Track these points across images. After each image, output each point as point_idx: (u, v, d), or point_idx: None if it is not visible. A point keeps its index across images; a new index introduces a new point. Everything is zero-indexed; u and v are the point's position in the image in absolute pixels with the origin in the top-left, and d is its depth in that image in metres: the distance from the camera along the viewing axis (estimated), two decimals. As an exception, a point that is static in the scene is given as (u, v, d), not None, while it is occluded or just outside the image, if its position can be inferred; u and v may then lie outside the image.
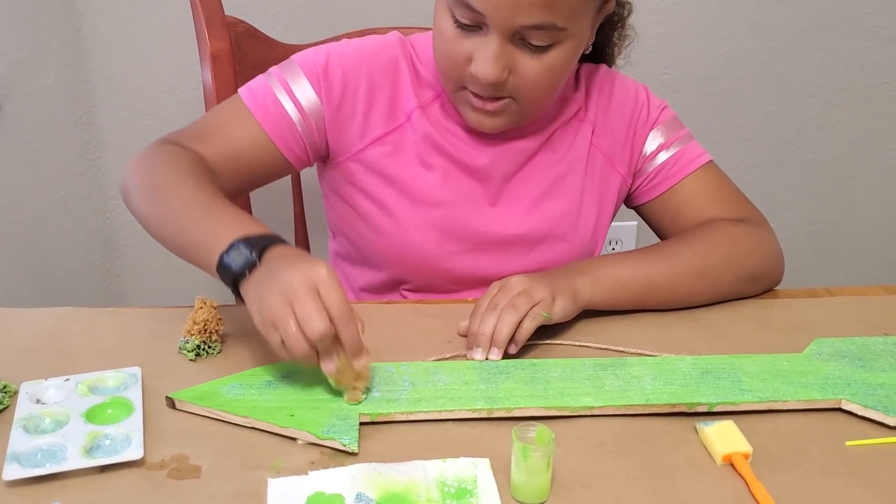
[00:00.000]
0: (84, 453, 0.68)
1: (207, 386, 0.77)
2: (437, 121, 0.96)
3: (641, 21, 1.60)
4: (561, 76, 0.89)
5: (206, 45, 1.12)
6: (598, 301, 0.90)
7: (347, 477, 0.67)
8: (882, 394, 0.78)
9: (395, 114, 0.96)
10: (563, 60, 0.87)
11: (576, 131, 1.00)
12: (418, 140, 0.96)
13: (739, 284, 0.96)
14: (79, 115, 1.57)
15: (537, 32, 0.84)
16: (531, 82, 0.87)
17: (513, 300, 0.82)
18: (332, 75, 0.94)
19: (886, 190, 1.80)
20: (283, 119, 0.94)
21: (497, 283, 0.86)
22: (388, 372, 0.79)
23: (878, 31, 1.65)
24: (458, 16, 0.85)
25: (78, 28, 1.50)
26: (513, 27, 0.83)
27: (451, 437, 0.73)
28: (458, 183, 0.97)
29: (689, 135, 1.03)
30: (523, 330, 0.82)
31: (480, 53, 0.85)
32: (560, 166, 0.99)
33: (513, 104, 0.89)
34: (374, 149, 0.96)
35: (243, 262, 0.75)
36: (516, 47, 0.85)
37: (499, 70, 0.85)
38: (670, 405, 0.76)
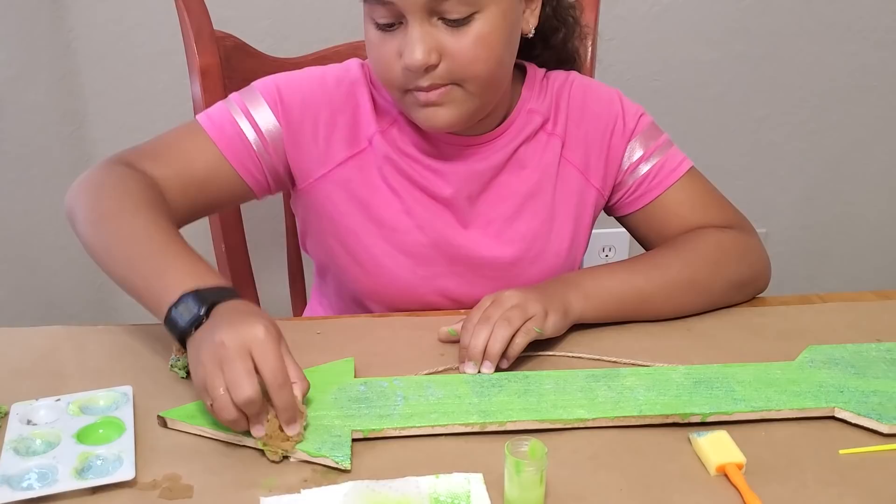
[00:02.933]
0: (75, 474, 0.68)
1: (199, 404, 0.76)
2: (397, 145, 0.95)
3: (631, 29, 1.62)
4: (495, 47, 0.86)
5: (196, 60, 1.13)
6: (589, 315, 0.89)
7: (340, 494, 0.66)
8: (875, 401, 0.78)
9: (356, 139, 0.95)
10: (489, 30, 0.85)
11: (543, 146, 0.98)
12: (381, 165, 0.95)
13: (730, 291, 0.96)
14: (70, 130, 1.57)
15: (449, 3, 0.82)
16: (463, 58, 0.85)
17: (506, 314, 0.82)
18: (291, 100, 0.94)
19: (878, 193, 1.81)
20: (239, 138, 0.93)
21: (489, 297, 0.85)
22: (381, 387, 0.79)
23: (867, 35, 1.66)
24: (376, 18, 0.85)
25: (68, 44, 1.51)
26: (424, 4, 0.82)
27: (444, 452, 0.73)
28: (424, 207, 0.96)
29: (668, 141, 1.02)
30: (515, 345, 0.81)
31: (404, 44, 0.84)
32: (528, 184, 0.97)
33: (457, 90, 0.87)
34: (338, 174, 0.95)
35: (190, 319, 0.73)
36: (437, 28, 0.84)
37: (424, 52, 0.83)
38: (663, 416, 0.76)
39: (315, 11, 1.51)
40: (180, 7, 1.14)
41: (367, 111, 0.95)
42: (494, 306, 0.83)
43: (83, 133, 1.57)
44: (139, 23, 1.50)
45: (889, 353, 0.85)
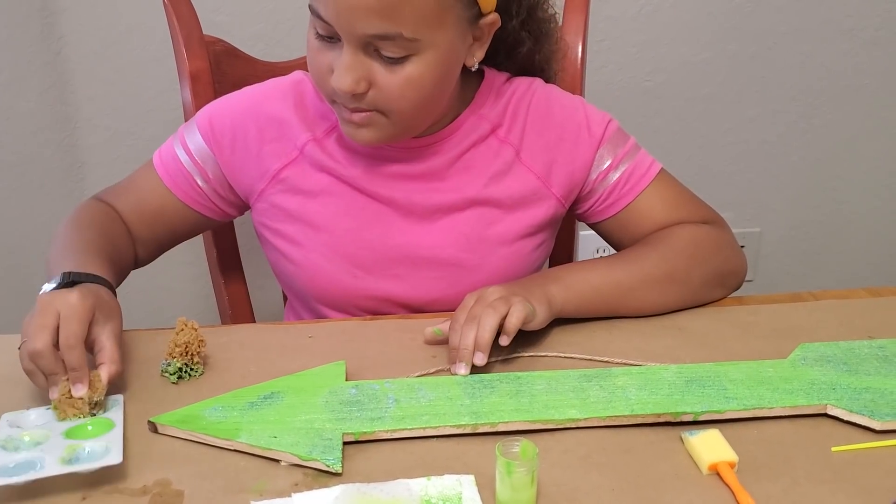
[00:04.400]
0: (62, 462, 0.68)
1: (189, 409, 0.76)
2: (335, 151, 0.96)
3: (622, 29, 1.62)
4: (426, 90, 0.86)
5: (185, 65, 1.13)
6: (570, 308, 0.89)
7: (331, 498, 0.66)
8: (867, 398, 0.78)
9: (287, 150, 0.97)
10: (423, 73, 0.84)
11: (494, 152, 0.97)
12: (315, 172, 0.96)
13: (708, 284, 0.96)
14: (61, 137, 1.56)
15: (385, 43, 0.82)
16: (391, 95, 0.85)
17: (491, 304, 0.82)
18: (221, 124, 0.98)
19: (871, 191, 1.81)
20: (180, 171, 0.99)
21: (473, 295, 0.85)
22: (372, 389, 0.79)
23: (857, 34, 1.66)
24: (317, 27, 0.85)
25: (58, 50, 1.50)
26: (359, 36, 0.82)
27: (435, 454, 0.73)
28: (363, 209, 0.96)
29: (635, 146, 1.01)
30: (511, 323, 0.81)
31: (336, 64, 0.84)
32: (473, 189, 0.96)
33: (380, 118, 0.87)
34: (275, 186, 0.97)
35: (51, 286, 0.80)
36: (371, 59, 0.84)
37: (352, 81, 0.83)
38: (655, 415, 0.76)
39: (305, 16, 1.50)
40: (169, 12, 1.13)
41: (297, 122, 0.97)
42: (479, 303, 0.83)
43: (75, 139, 1.57)
44: (129, 29, 1.50)
45: (881, 349, 0.85)
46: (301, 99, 0.98)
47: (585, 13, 1.19)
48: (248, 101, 0.99)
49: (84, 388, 0.75)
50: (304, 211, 0.97)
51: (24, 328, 0.77)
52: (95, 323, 0.77)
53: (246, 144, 0.97)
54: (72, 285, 0.80)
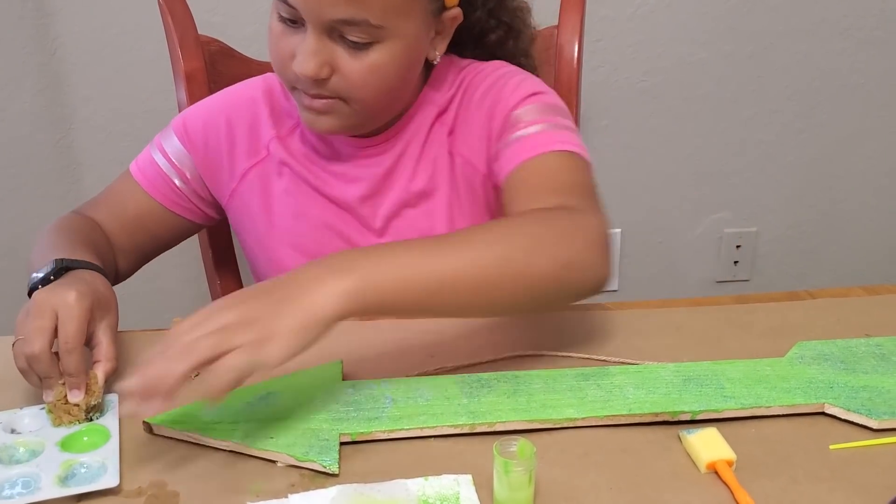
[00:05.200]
0: (59, 482, 0.67)
1: (185, 409, 0.76)
2: (296, 149, 0.96)
3: (618, 29, 1.62)
4: (389, 79, 0.86)
5: (181, 65, 1.12)
6: (362, 308, 0.69)
7: (328, 499, 0.66)
8: (865, 396, 0.77)
9: (256, 148, 0.97)
10: (386, 61, 0.84)
11: (439, 141, 0.95)
12: (280, 170, 0.97)
13: (556, 274, 0.75)
14: (57, 138, 1.56)
15: (351, 28, 0.81)
16: (354, 82, 0.84)
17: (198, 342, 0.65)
18: (194, 126, 0.98)
19: (867, 190, 1.81)
20: (160, 175, 0.98)
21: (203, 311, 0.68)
22: (369, 389, 0.79)
23: (853, 33, 1.66)
24: (280, 10, 0.84)
25: (53, 51, 1.50)
26: (325, 21, 0.81)
27: (433, 454, 0.72)
28: (324, 210, 0.96)
29: (560, 125, 0.89)
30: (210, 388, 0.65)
31: (300, 49, 0.83)
32: (422, 183, 0.94)
33: (342, 105, 0.86)
34: (243, 185, 0.98)
35: (39, 277, 0.78)
36: (336, 44, 0.83)
37: (316, 65, 0.82)
38: (653, 414, 0.76)
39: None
40: (164, 12, 1.13)
41: (264, 119, 0.97)
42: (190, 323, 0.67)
43: (70, 140, 1.57)
44: (124, 29, 1.49)
45: (878, 347, 0.85)
46: (270, 97, 0.98)
47: (581, 13, 1.19)
48: (219, 101, 1.00)
49: (81, 393, 0.74)
50: (269, 210, 0.98)
51: (18, 325, 0.75)
52: (92, 319, 0.76)
53: (218, 144, 0.97)
54: (64, 272, 0.79)
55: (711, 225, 1.82)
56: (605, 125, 1.70)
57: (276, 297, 0.68)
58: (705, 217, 1.81)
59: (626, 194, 1.77)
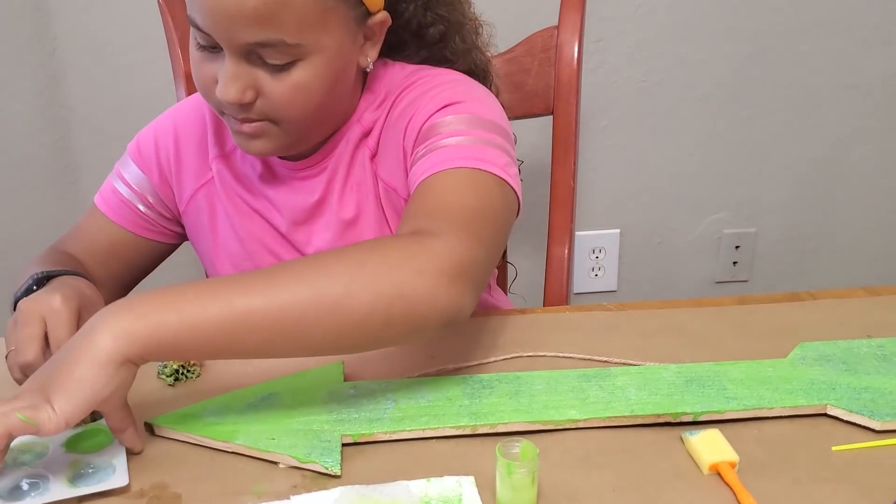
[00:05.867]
0: (68, 483, 0.67)
1: (186, 411, 0.76)
2: (238, 168, 0.95)
3: (618, 29, 1.62)
4: (315, 95, 0.81)
5: (181, 66, 1.12)
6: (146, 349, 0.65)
7: (330, 500, 0.66)
8: (867, 398, 0.77)
9: (203, 169, 0.96)
10: (310, 78, 0.80)
11: (362, 165, 0.90)
12: (222, 191, 0.95)
13: (379, 307, 0.67)
14: (55, 139, 1.55)
15: (268, 50, 0.77)
16: (279, 103, 0.81)
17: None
18: (146, 146, 0.97)
19: (867, 191, 1.81)
20: (122, 203, 0.98)
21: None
22: (371, 390, 0.78)
23: (853, 34, 1.66)
24: (198, 37, 0.80)
25: (52, 51, 1.50)
26: (239, 45, 0.77)
27: (435, 456, 0.72)
28: (262, 232, 0.95)
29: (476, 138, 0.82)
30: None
31: (220, 75, 0.80)
32: (349, 211, 0.91)
33: (271, 127, 0.83)
34: (191, 206, 0.97)
35: (22, 288, 0.80)
36: (256, 67, 0.79)
37: (237, 91, 0.79)
38: (655, 415, 0.76)
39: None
40: (164, 13, 1.13)
41: (210, 136, 0.95)
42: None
43: (68, 141, 1.56)
44: (124, 29, 1.49)
45: (880, 348, 0.85)
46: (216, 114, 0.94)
47: (581, 13, 1.19)
48: (167, 121, 0.98)
49: None
50: (214, 230, 0.97)
51: (7, 337, 0.76)
52: (81, 321, 0.76)
53: (169, 164, 0.97)
54: (46, 281, 0.79)
55: (710, 225, 1.82)
56: (604, 125, 1.70)
57: (62, 355, 0.65)
58: (704, 218, 1.81)
59: (625, 194, 1.77)
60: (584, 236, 1.79)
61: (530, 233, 1.50)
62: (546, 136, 1.22)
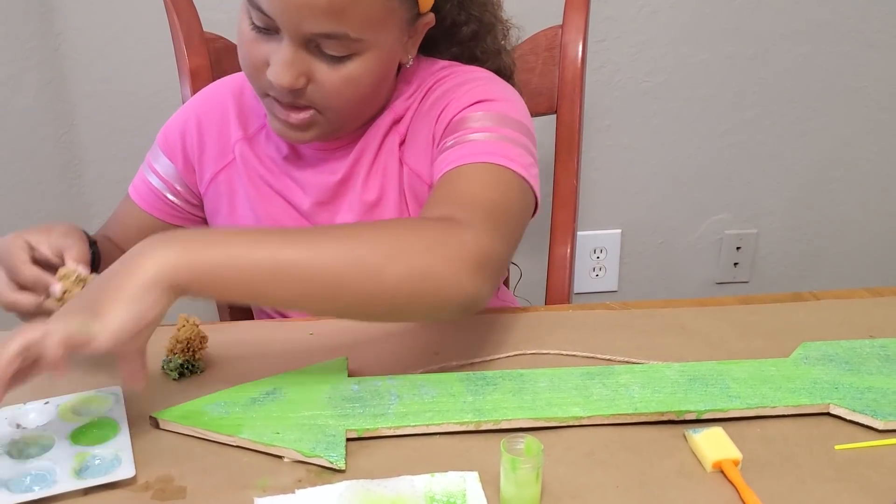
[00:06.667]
0: (74, 475, 0.67)
1: (191, 405, 0.76)
2: (261, 151, 0.96)
3: (621, 30, 1.62)
4: (364, 89, 0.85)
5: (185, 62, 1.12)
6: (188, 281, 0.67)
7: (335, 494, 0.66)
8: (870, 397, 0.78)
9: (224, 151, 0.98)
10: (363, 72, 0.83)
11: (391, 149, 0.93)
12: (245, 172, 0.97)
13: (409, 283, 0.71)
14: (59, 134, 1.56)
15: (330, 42, 0.80)
16: (330, 93, 0.84)
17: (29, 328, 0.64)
18: (172, 133, 0.99)
19: (869, 193, 1.81)
20: (152, 192, 1.00)
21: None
22: (375, 386, 0.79)
23: (856, 36, 1.67)
24: (254, 18, 0.82)
25: (57, 46, 1.50)
26: (303, 34, 0.80)
27: (439, 451, 0.72)
28: (283, 215, 0.96)
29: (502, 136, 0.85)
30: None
31: (275, 58, 0.82)
32: (373, 194, 0.93)
33: (318, 117, 0.86)
34: (212, 189, 0.99)
35: None
36: (312, 55, 0.82)
37: (292, 76, 0.81)
38: (659, 413, 0.76)
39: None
40: (169, 9, 1.13)
41: (231, 120, 0.97)
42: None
43: (73, 137, 1.56)
44: (128, 25, 1.49)
45: (883, 349, 0.85)
46: (240, 96, 0.98)
47: (586, 13, 1.19)
48: (191, 107, 1.00)
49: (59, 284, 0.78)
50: (233, 214, 0.98)
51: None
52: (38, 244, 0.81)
53: (192, 149, 0.98)
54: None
55: (712, 226, 1.82)
56: (607, 125, 1.70)
57: (107, 277, 0.67)
58: (706, 218, 1.81)
59: (626, 194, 1.77)
60: (585, 236, 1.79)
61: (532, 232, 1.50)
62: (549, 136, 1.22)
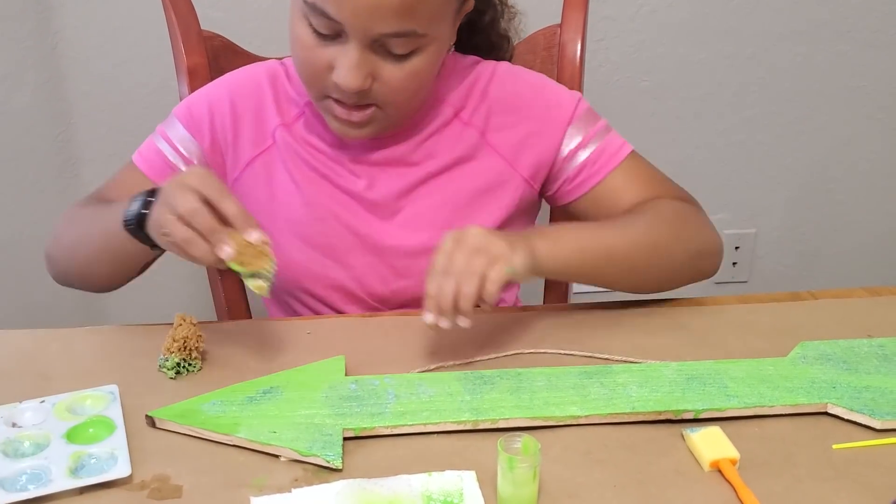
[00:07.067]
0: (69, 474, 0.67)
1: (188, 403, 0.76)
2: (302, 136, 0.96)
3: (620, 29, 1.62)
4: (425, 81, 0.88)
5: (183, 60, 1.12)
6: (555, 266, 0.85)
7: (332, 493, 0.66)
8: (868, 396, 0.77)
9: (262, 137, 0.97)
10: (425, 65, 0.86)
11: (456, 135, 0.96)
12: (286, 158, 0.96)
13: (689, 261, 0.94)
14: (56, 132, 1.55)
15: (398, 40, 0.82)
16: (395, 89, 0.86)
17: (470, 263, 0.77)
18: (199, 112, 0.97)
19: (867, 192, 1.81)
20: (167, 166, 0.97)
21: (451, 236, 0.79)
22: (372, 385, 0.79)
23: (854, 35, 1.67)
24: (315, 24, 0.83)
25: (54, 45, 1.50)
26: (372, 35, 0.81)
27: (436, 450, 0.72)
28: (329, 197, 0.96)
29: (606, 126, 0.98)
30: (488, 293, 0.77)
31: (341, 62, 0.83)
32: (437, 174, 0.96)
33: (378, 112, 0.88)
34: (247, 174, 0.98)
35: (140, 203, 0.80)
36: (377, 54, 0.83)
37: (361, 78, 0.83)
38: (656, 412, 0.76)
39: (303, 12, 1.51)
40: (167, 7, 1.13)
41: (269, 106, 0.97)
42: (458, 249, 0.78)
43: (70, 135, 1.56)
44: (126, 24, 1.49)
45: (881, 348, 0.85)
46: (274, 83, 0.98)
47: (584, 12, 1.19)
48: (223, 87, 0.99)
49: (258, 231, 0.76)
50: (272, 199, 0.97)
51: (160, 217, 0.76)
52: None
53: (223, 131, 0.97)
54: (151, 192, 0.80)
55: (710, 226, 1.82)
56: (605, 125, 1.70)
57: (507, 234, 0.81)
58: (704, 218, 1.81)
59: (625, 194, 1.77)
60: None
61: (531, 231, 1.50)
62: (548, 135, 1.21)
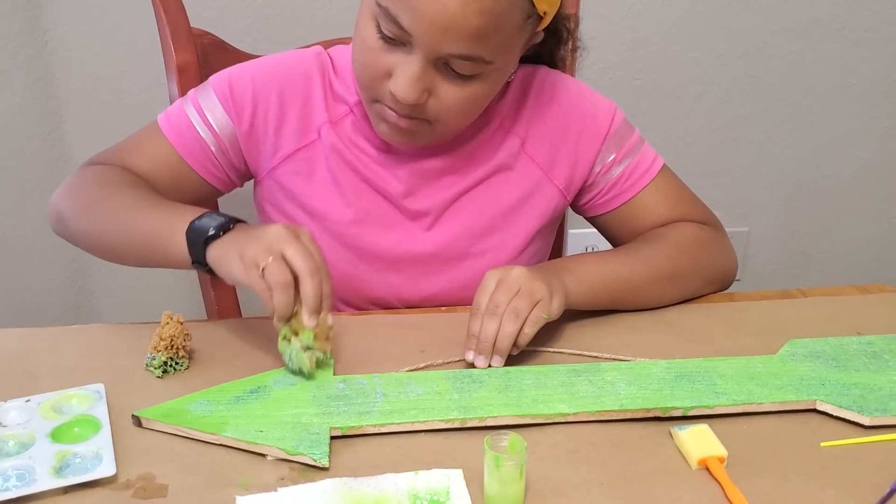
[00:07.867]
0: (54, 473, 0.67)
1: (174, 403, 0.75)
2: (347, 137, 0.94)
3: (612, 27, 1.62)
4: (479, 106, 0.88)
5: (172, 58, 1.11)
6: (581, 300, 0.88)
7: (318, 492, 0.66)
8: (856, 393, 0.77)
9: (306, 130, 0.95)
10: (483, 91, 0.85)
11: (499, 143, 0.96)
12: (329, 156, 0.94)
13: (703, 287, 0.98)
14: (47, 131, 1.55)
15: (463, 63, 0.81)
16: (450, 109, 0.85)
17: (513, 304, 0.80)
18: (242, 94, 0.93)
19: (858, 191, 1.81)
20: (196, 141, 0.94)
21: (494, 275, 0.82)
22: (360, 384, 0.78)
23: (846, 34, 1.67)
24: (384, 28, 0.81)
25: (44, 43, 1.49)
26: (439, 53, 0.80)
27: (423, 449, 0.72)
28: (369, 201, 0.95)
29: (640, 139, 1.00)
30: (524, 336, 0.80)
31: (401, 71, 0.82)
32: (476, 181, 0.96)
33: (426, 126, 0.87)
34: (286, 166, 0.95)
35: (218, 224, 0.79)
36: (438, 72, 0.82)
37: (417, 92, 0.82)
38: (644, 410, 0.76)
39: (295, 10, 1.50)
40: (157, 5, 1.12)
41: (318, 100, 0.94)
42: (501, 291, 0.81)
43: (60, 134, 1.55)
44: (116, 22, 1.48)
45: (870, 345, 0.85)
46: (324, 77, 0.95)
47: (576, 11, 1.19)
48: (270, 71, 0.95)
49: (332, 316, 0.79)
50: (310, 195, 0.95)
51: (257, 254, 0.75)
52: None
53: (266, 118, 0.94)
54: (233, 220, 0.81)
55: (703, 224, 1.82)
56: (597, 124, 1.69)
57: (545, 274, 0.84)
58: (697, 216, 1.81)
59: (618, 193, 1.77)
60: (576, 234, 1.79)
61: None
62: (539, 133, 1.21)
